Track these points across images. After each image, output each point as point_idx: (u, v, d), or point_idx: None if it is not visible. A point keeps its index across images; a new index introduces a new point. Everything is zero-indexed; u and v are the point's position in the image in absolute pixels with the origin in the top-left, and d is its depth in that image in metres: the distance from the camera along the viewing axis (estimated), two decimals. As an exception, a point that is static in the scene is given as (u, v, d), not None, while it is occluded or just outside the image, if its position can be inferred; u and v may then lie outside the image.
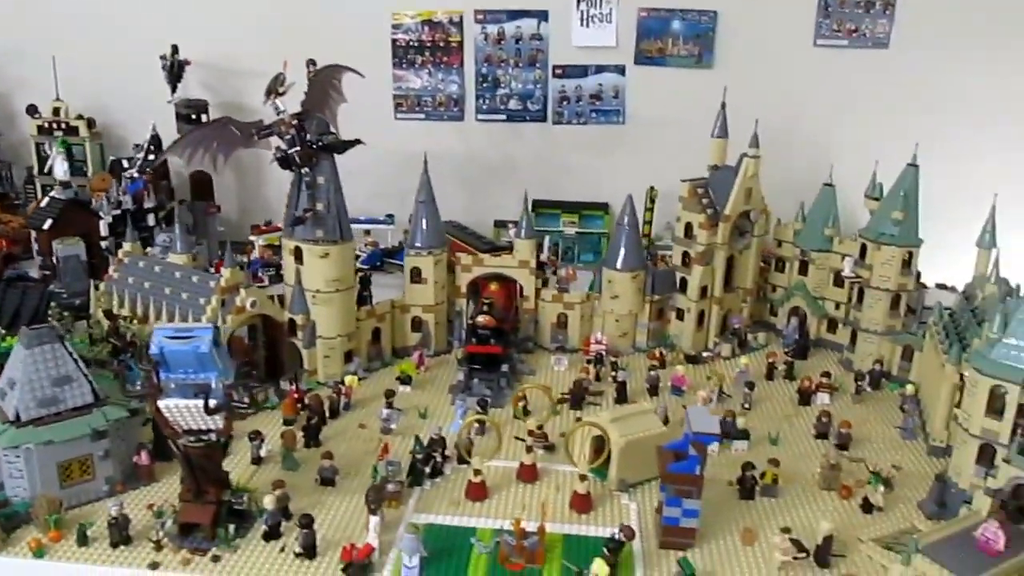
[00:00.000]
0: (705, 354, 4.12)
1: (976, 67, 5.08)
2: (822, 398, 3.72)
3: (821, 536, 2.67)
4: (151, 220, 4.43)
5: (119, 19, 5.24)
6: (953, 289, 4.65)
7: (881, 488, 2.95)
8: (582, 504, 2.90)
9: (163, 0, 5.21)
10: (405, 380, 3.67)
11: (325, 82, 3.37)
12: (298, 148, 3.38)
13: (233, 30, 5.21)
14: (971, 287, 3.82)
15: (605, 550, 2.53)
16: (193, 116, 4.73)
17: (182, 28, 5.16)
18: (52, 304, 3.35)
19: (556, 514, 2.87)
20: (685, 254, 4.15)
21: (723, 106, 4.17)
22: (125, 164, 4.82)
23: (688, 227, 4.13)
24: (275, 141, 3.47)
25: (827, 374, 3.82)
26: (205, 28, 5.18)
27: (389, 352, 3.94)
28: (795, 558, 2.63)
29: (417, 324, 3.96)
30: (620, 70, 5.22)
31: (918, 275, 4.11)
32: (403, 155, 4.88)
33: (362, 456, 3.15)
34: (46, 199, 4.02)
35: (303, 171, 3.43)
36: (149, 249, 3.99)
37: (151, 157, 4.56)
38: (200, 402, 2.43)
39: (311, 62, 3.62)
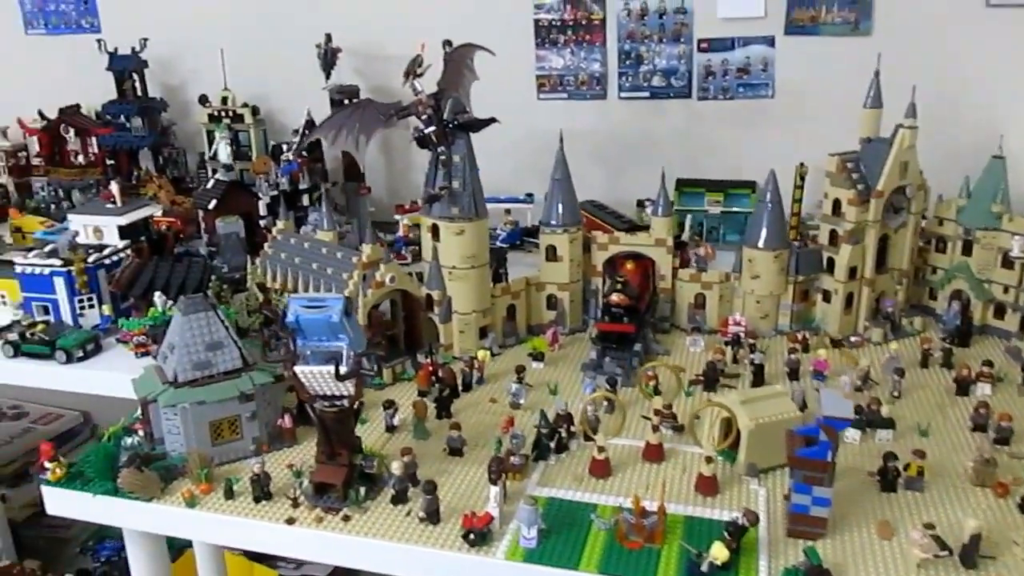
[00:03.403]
0: (853, 339, 3.90)
1: None
2: (982, 389, 3.43)
3: (968, 535, 2.47)
4: (305, 200, 4.65)
5: (279, 11, 5.53)
6: None
7: (1045, 487, 2.70)
8: (708, 487, 2.82)
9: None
10: (537, 356, 3.69)
11: (459, 61, 3.43)
12: (434, 127, 3.46)
13: (380, 17, 5.39)
14: None
15: (726, 533, 2.46)
16: (345, 101, 4.93)
17: (334, 17, 5.38)
18: (213, 277, 3.58)
19: (679, 495, 2.82)
20: (833, 232, 3.93)
21: (876, 74, 3.90)
22: (284, 148, 5.09)
23: (836, 204, 3.91)
24: (413, 121, 3.56)
25: (989, 363, 3.51)
26: (354, 16, 5.39)
27: (524, 329, 3.97)
28: (936, 556, 2.45)
29: (552, 302, 3.97)
30: (769, 41, 4.99)
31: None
32: (545, 135, 4.88)
33: (490, 429, 3.20)
34: (211, 181, 4.30)
35: (439, 150, 3.50)
36: (302, 227, 4.19)
37: (306, 141, 4.81)
38: (331, 368, 2.54)
39: (447, 43, 3.69)
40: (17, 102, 5.83)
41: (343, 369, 2.57)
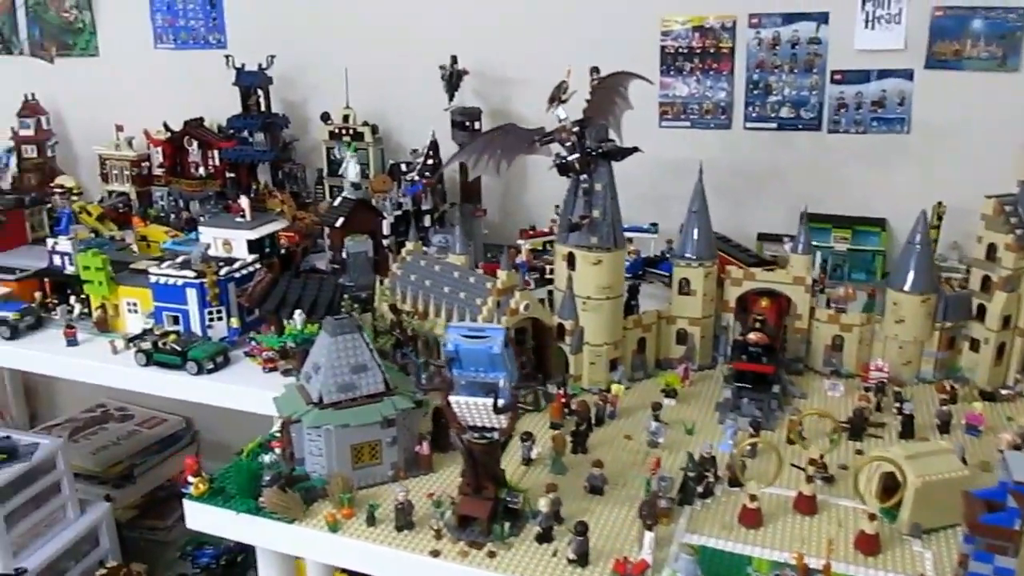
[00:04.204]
0: (1004, 391, 3.68)
1: None
2: None
3: None
4: (427, 221, 4.64)
5: (401, 30, 5.57)
6: None
7: None
8: (869, 545, 2.67)
9: (442, 13, 5.48)
10: (670, 393, 3.58)
11: (611, 89, 3.36)
12: (578, 155, 3.40)
13: (503, 40, 5.39)
14: None
15: (901, 599, 2.31)
16: (467, 124, 4.92)
17: (457, 38, 5.39)
18: (345, 297, 3.57)
19: (837, 552, 2.67)
20: (986, 278, 3.73)
21: (1034, 113, 3.70)
22: (403, 168, 5.10)
23: (991, 248, 3.71)
24: (555, 147, 3.51)
25: None
26: (477, 38, 5.39)
27: (652, 363, 3.86)
28: None
29: (682, 336, 3.85)
30: (907, 75, 4.81)
31: None
32: (666, 163, 4.81)
33: (628, 467, 3.10)
34: (338, 199, 4.32)
35: (581, 178, 3.43)
36: (425, 249, 4.18)
37: (429, 161, 4.80)
38: (489, 401, 2.48)
39: (595, 69, 3.65)
40: (144, 114, 5.99)
41: (501, 402, 2.51)
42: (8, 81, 6.46)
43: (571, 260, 3.62)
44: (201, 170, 5.76)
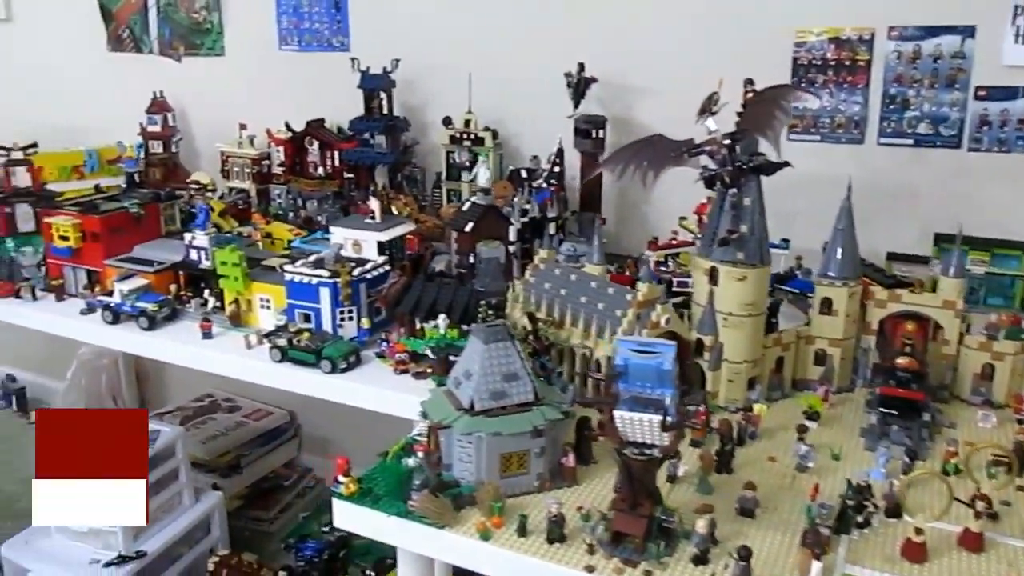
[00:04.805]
0: None
1: None
2: None
3: None
4: (551, 228, 4.63)
5: (525, 36, 5.57)
6: None
7: None
8: (1044, 588, 2.54)
9: (566, 20, 5.47)
10: (812, 415, 3.47)
11: (772, 102, 3.28)
12: (729, 168, 3.33)
13: (629, 47, 5.34)
14: None
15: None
16: (592, 132, 4.89)
17: (580, 44, 5.36)
18: (481, 303, 3.57)
19: (1006, 594, 2.54)
20: None
21: None
22: (523, 174, 5.10)
23: None
24: (703, 160, 3.44)
25: None
26: (602, 45, 5.35)
27: (789, 384, 3.76)
28: None
29: (821, 357, 3.74)
30: (1058, 92, 4.59)
31: None
32: (793, 178, 4.67)
33: (777, 491, 3.02)
34: (467, 203, 4.34)
35: (729, 191, 3.36)
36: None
37: (556, 169, 4.78)
38: (658, 418, 2.44)
39: (748, 81, 3.57)
40: (265, 113, 6.12)
41: (670, 419, 2.46)
42: (137, 79, 6.69)
43: (713, 274, 3.55)
44: (320, 170, 5.85)
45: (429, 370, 3.73)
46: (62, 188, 5.36)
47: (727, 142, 3.35)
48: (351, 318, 4.08)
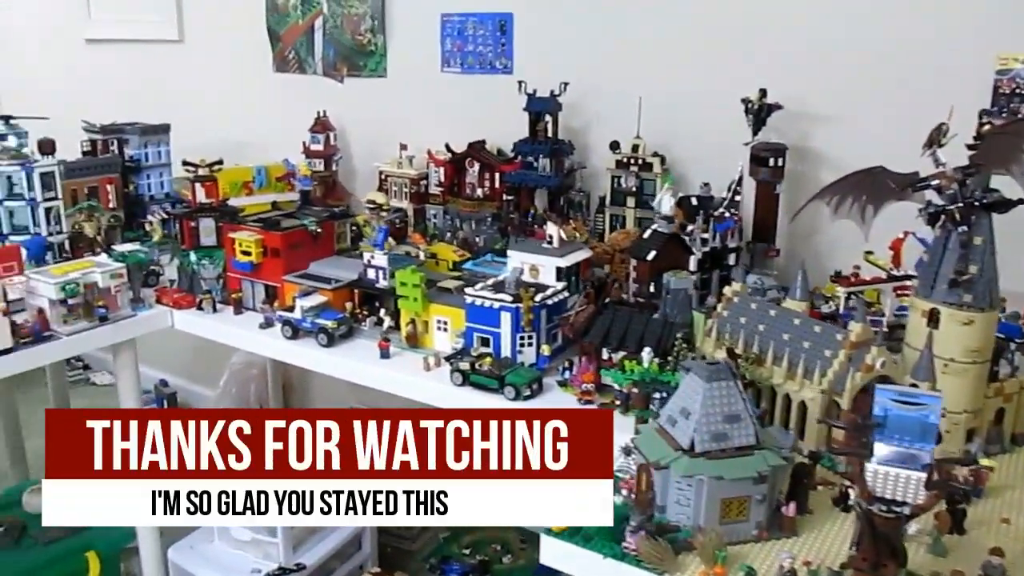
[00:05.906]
0: None
1: None
2: None
3: None
4: (731, 260, 4.47)
5: (697, 61, 5.45)
6: None
7: None
8: None
9: (743, 44, 5.32)
10: (1043, 474, 3.20)
11: (1018, 136, 3.06)
12: (960, 204, 3.11)
13: (807, 73, 5.14)
14: None
15: None
16: (771, 160, 4.71)
17: (758, 70, 5.19)
18: (677, 336, 3.45)
19: None
20: None
21: None
22: (693, 201, 4.96)
23: None
24: (929, 195, 3.24)
25: None
26: (780, 71, 5.17)
27: (1008, 437, 3.49)
28: None
29: (1045, 410, 3.46)
30: None
31: None
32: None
33: (1019, 556, 2.78)
34: (647, 231, 4.24)
35: (958, 230, 3.14)
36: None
37: (737, 198, 4.63)
38: (922, 475, 2.26)
39: (984, 112, 3.35)
40: (425, 135, 6.19)
41: (936, 478, 2.28)
42: (301, 98, 6.88)
43: (933, 316, 3.33)
44: (479, 191, 5.86)
45: (616, 403, 3.63)
46: (239, 203, 5.54)
47: (959, 177, 3.13)
48: (531, 344, 4.03)
